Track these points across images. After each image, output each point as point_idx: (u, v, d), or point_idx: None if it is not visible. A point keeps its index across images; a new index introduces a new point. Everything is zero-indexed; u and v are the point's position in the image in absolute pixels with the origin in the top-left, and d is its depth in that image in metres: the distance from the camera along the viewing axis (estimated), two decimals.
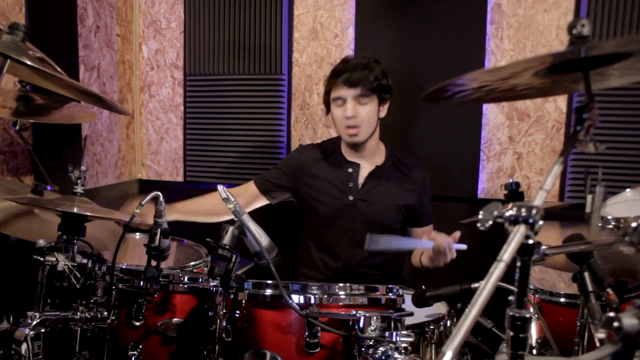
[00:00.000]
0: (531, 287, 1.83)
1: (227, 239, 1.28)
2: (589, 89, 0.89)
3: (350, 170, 2.08)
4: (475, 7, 2.58)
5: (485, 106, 2.63)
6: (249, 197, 2.19)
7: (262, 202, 2.22)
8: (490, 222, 0.79)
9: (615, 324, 0.70)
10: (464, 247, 1.77)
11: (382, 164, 2.10)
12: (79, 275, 1.41)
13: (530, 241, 0.76)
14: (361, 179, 2.08)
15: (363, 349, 1.21)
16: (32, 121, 2.29)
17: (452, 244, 1.75)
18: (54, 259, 1.39)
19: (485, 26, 2.58)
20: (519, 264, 0.78)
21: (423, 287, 1.51)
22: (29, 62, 1.24)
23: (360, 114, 1.96)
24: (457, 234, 1.77)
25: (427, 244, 1.77)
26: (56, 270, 1.40)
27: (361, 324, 1.22)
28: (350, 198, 2.06)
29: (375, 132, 2.06)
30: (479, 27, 2.58)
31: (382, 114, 2.05)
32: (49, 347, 1.41)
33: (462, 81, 0.96)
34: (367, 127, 1.99)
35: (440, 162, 2.66)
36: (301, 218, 2.21)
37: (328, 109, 2.07)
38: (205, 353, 1.44)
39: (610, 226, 1.53)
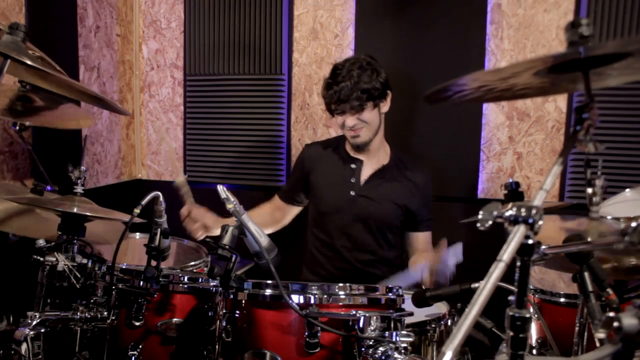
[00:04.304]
0: (531, 287, 1.83)
1: (227, 239, 1.28)
2: (589, 88, 0.89)
3: (353, 166, 2.10)
4: (475, 7, 2.58)
5: (485, 106, 2.63)
6: (281, 211, 2.28)
7: (295, 210, 2.29)
8: (490, 222, 0.79)
9: (615, 324, 0.70)
10: (459, 249, 1.71)
11: (387, 164, 2.11)
12: (79, 275, 1.42)
13: (530, 241, 0.76)
14: (364, 176, 2.10)
15: (363, 349, 1.21)
16: (31, 124, 2.28)
17: (443, 257, 1.70)
18: (54, 259, 1.40)
19: (485, 26, 2.58)
20: (519, 264, 0.78)
21: (423, 287, 1.51)
22: (29, 62, 1.24)
23: (361, 119, 1.99)
24: (443, 242, 1.74)
25: (421, 269, 1.75)
26: (56, 270, 1.40)
27: (361, 324, 1.22)
28: (352, 193, 2.07)
29: (380, 130, 2.07)
30: (479, 27, 2.58)
31: (385, 109, 2.06)
32: (49, 347, 1.41)
33: (463, 81, 0.96)
34: (370, 128, 2.02)
35: (440, 162, 2.66)
36: (308, 212, 2.25)
37: (331, 114, 2.07)
38: (205, 353, 1.44)
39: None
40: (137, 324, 1.42)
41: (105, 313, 1.40)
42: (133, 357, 1.41)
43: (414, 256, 2.11)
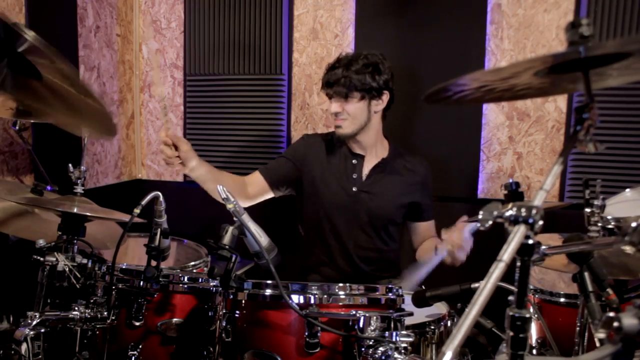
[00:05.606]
0: (531, 287, 1.83)
1: (227, 239, 1.28)
2: (589, 88, 0.89)
3: (354, 161, 2.10)
4: (475, 7, 2.58)
5: (485, 106, 2.63)
6: (256, 188, 2.14)
7: (267, 195, 2.17)
8: (490, 222, 0.79)
9: (615, 324, 0.70)
10: (476, 225, 1.75)
11: (386, 157, 2.12)
12: (79, 275, 1.42)
13: (530, 241, 0.76)
14: (365, 171, 2.10)
15: (363, 349, 1.21)
16: (32, 121, 2.29)
17: (464, 236, 1.72)
18: (54, 259, 1.40)
19: (485, 26, 2.57)
20: (519, 264, 0.78)
21: (423, 287, 1.51)
22: None
23: (346, 109, 1.99)
24: (463, 218, 1.77)
25: (443, 253, 1.76)
26: (56, 270, 1.40)
27: (361, 324, 1.22)
28: (354, 189, 2.07)
29: (370, 127, 2.04)
30: (479, 27, 2.58)
31: (378, 108, 2.03)
32: (49, 347, 1.41)
33: (463, 81, 0.96)
34: (353, 121, 2.00)
35: (440, 162, 2.66)
36: (302, 211, 2.18)
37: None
38: (205, 353, 1.44)
39: (610, 226, 1.53)
40: (137, 324, 1.41)
41: (105, 313, 1.40)
42: (133, 357, 1.41)
43: (427, 241, 2.11)
